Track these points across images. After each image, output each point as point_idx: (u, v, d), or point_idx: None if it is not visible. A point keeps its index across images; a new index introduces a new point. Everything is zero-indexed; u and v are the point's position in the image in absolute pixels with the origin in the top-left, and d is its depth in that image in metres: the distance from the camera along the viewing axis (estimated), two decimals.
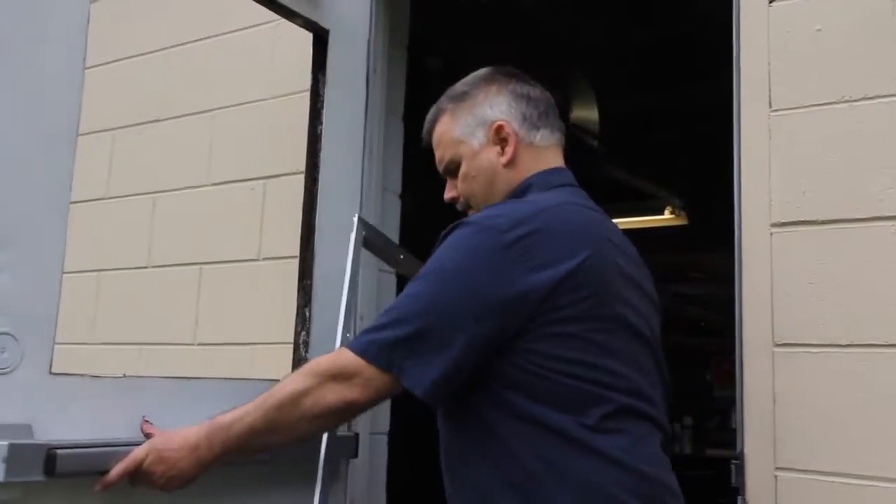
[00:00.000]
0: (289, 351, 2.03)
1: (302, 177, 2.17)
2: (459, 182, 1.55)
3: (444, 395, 1.34)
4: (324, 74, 2.06)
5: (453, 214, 1.67)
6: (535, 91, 1.55)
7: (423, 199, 2.41)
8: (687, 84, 3.72)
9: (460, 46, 3.45)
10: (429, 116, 1.58)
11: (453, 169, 1.55)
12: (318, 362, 1.38)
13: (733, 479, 1.62)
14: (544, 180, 1.48)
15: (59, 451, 1.33)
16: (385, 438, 2.27)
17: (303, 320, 1.96)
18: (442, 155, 1.56)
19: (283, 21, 2.16)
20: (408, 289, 1.37)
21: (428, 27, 2.53)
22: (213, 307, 2.43)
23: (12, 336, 1.37)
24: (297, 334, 1.96)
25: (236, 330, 2.35)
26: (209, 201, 2.49)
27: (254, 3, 1.98)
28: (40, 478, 1.32)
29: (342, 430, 1.96)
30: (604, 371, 1.31)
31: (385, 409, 2.25)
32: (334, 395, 1.33)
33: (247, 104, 2.47)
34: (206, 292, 2.45)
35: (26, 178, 1.42)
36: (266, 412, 1.35)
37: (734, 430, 1.67)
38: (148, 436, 1.44)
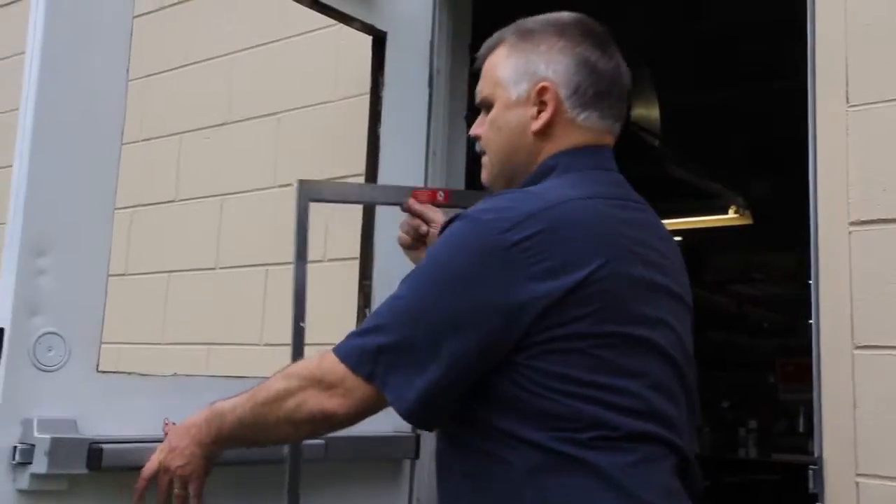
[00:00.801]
0: None
1: (358, 180, 2.19)
2: (486, 124, 1.38)
3: (431, 416, 1.20)
4: (382, 76, 2.07)
5: None
6: (607, 64, 1.33)
7: None
8: (754, 79, 3.65)
9: None
10: (489, 41, 1.41)
11: (486, 107, 1.39)
12: (305, 364, 1.29)
13: (811, 485, 1.57)
14: (570, 163, 1.30)
15: (103, 446, 1.40)
16: None
17: (362, 320, 1.96)
18: (482, 87, 1.40)
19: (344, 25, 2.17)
20: (399, 288, 1.24)
21: (491, 26, 2.51)
22: (279, 308, 2.46)
23: (59, 335, 1.42)
24: None
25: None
26: (275, 203, 2.52)
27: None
28: (83, 471, 1.38)
29: (403, 430, 1.96)
30: (610, 391, 1.15)
31: None
32: (314, 402, 1.23)
33: (311, 107, 2.50)
34: (273, 293, 2.48)
35: (73, 183, 1.48)
36: (253, 407, 1.29)
37: (803, 434, 1.63)
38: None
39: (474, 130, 1.42)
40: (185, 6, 2.83)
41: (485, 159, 1.40)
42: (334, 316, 2.28)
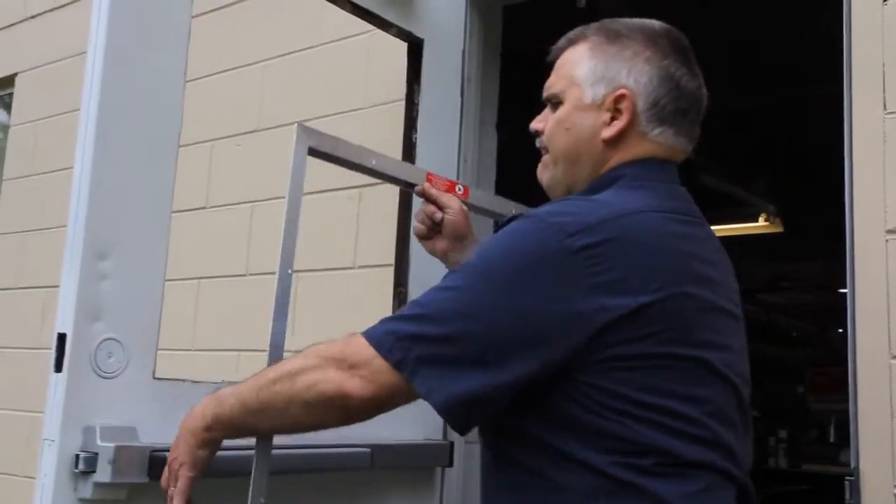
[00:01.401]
0: None
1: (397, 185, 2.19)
2: (551, 121, 1.31)
3: (467, 420, 1.13)
4: (418, 83, 2.08)
5: None
6: (690, 82, 1.26)
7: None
8: (786, 84, 3.62)
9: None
10: (570, 33, 1.33)
11: (554, 103, 1.32)
12: (327, 345, 1.18)
13: (848, 496, 1.55)
14: (638, 174, 1.24)
15: (162, 454, 1.35)
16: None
17: None
18: (553, 82, 1.33)
19: (377, 32, 2.19)
20: (446, 279, 1.15)
21: (521, 35, 2.52)
22: (309, 315, 2.47)
23: (118, 342, 1.40)
24: None
25: (332, 337, 2.38)
26: (306, 210, 2.53)
27: (347, 14, 2.01)
28: (144, 480, 1.35)
29: (436, 438, 1.96)
30: (672, 416, 1.09)
31: None
32: (332, 381, 1.12)
33: (342, 114, 2.51)
34: (303, 300, 2.49)
35: (131, 187, 1.46)
36: (259, 388, 1.19)
37: (834, 445, 1.60)
38: None
39: (536, 125, 1.35)
40: (216, 14, 2.86)
41: (546, 157, 1.34)
42: (366, 322, 2.29)
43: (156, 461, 1.35)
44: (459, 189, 1.68)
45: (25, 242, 3.47)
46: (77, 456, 1.32)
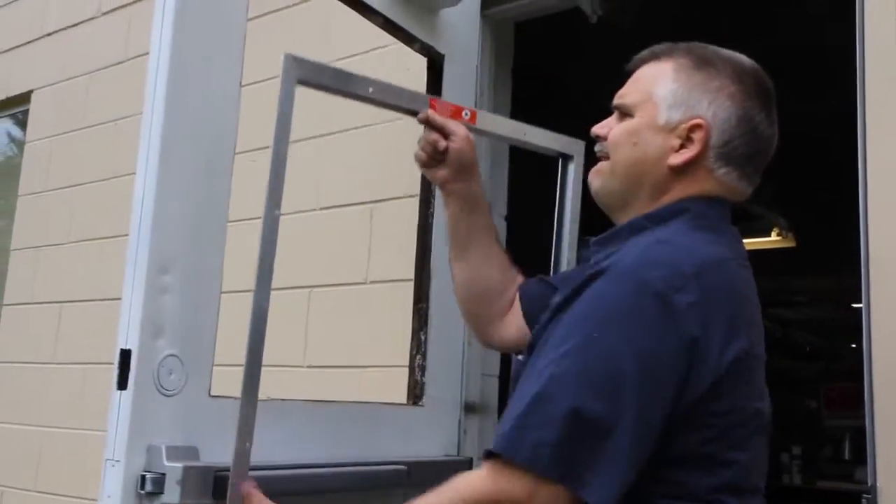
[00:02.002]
0: (397, 374, 2.04)
1: (410, 200, 2.19)
2: (617, 130, 1.28)
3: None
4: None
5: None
6: (767, 129, 1.25)
7: (531, 223, 2.40)
8: (799, 99, 3.61)
9: (560, 67, 3.45)
10: (656, 47, 1.30)
11: (623, 112, 1.29)
12: (469, 481, 1.07)
13: None
14: (705, 212, 1.22)
15: (226, 475, 1.32)
16: None
17: (418, 344, 1.96)
18: (628, 92, 1.30)
19: (389, 48, 2.20)
20: (543, 357, 1.07)
21: (532, 52, 2.53)
22: (322, 330, 2.47)
23: (178, 358, 1.37)
24: (412, 358, 1.97)
25: (345, 353, 2.38)
26: (317, 226, 2.54)
27: (359, 30, 2.02)
28: (210, 500, 1.32)
29: (452, 454, 1.96)
30: (736, 467, 1.11)
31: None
32: None
33: (354, 130, 2.51)
34: (315, 315, 2.49)
35: (194, 198, 1.43)
36: None
37: (849, 462, 1.59)
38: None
39: (600, 130, 1.32)
40: (270, 18, 2.86)
41: (604, 164, 1.31)
42: (379, 338, 2.29)
43: (220, 482, 1.32)
44: (466, 114, 1.57)
45: (38, 258, 3.50)
46: (143, 476, 1.30)
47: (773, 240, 5.25)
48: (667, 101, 1.24)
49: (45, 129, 3.65)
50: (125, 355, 1.32)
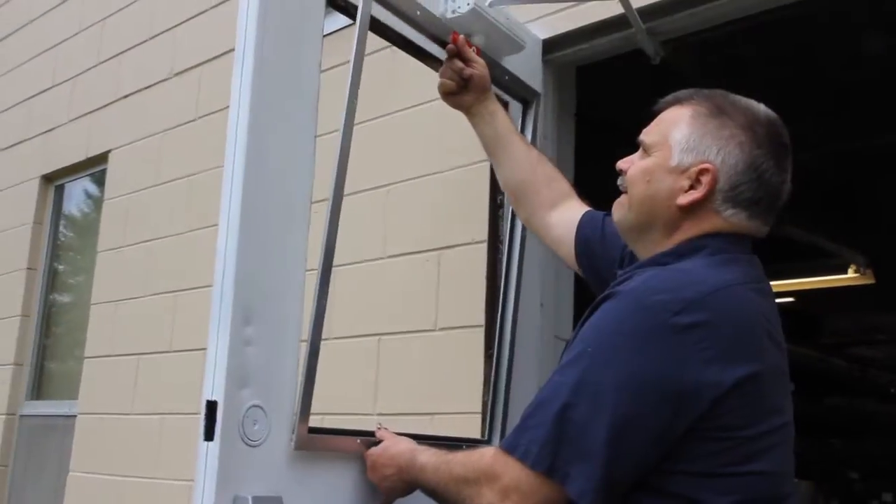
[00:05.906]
0: (469, 420, 2.03)
1: (476, 246, 2.20)
2: (635, 168, 1.38)
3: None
4: None
5: None
6: (774, 177, 1.31)
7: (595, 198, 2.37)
8: (875, 132, 3.52)
9: (622, 109, 3.43)
10: (680, 93, 1.40)
11: (645, 149, 1.38)
12: (483, 457, 1.27)
13: None
14: (721, 246, 1.30)
15: None
16: None
17: (490, 389, 1.95)
18: (650, 132, 1.39)
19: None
20: (558, 375, 1.21)
21: (595, 95, 2.53)
22: (392, 377, 2.48)
23: (262, 408, 1.39)
24: (484, 404, 1.96)
25: (415, 399, 2.37)
26: (384, 274, 2.56)
27: (423, 79, 2.04)
28: None
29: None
30: (752, 476, 1.18)
31: None
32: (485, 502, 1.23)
33: (418, 178, 2.54)
34: (385, 362, 2.50)
35: (270, 252, 1.44)
36: (440, 482, 1.35)
37: None
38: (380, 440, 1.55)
39: (622, 164, 1.42)
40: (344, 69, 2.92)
41: (623, 198, 1.41)
42: (449, 384, 2.28)
43: None
44: (473, 48, 1.81)
45: (117, 311, 3.60)
46: None
47: (850, 277, 5.09)
48: (680, 144, 1.33)
49: (121, 187, 3.79)
50: (211, 406, 1.33)
